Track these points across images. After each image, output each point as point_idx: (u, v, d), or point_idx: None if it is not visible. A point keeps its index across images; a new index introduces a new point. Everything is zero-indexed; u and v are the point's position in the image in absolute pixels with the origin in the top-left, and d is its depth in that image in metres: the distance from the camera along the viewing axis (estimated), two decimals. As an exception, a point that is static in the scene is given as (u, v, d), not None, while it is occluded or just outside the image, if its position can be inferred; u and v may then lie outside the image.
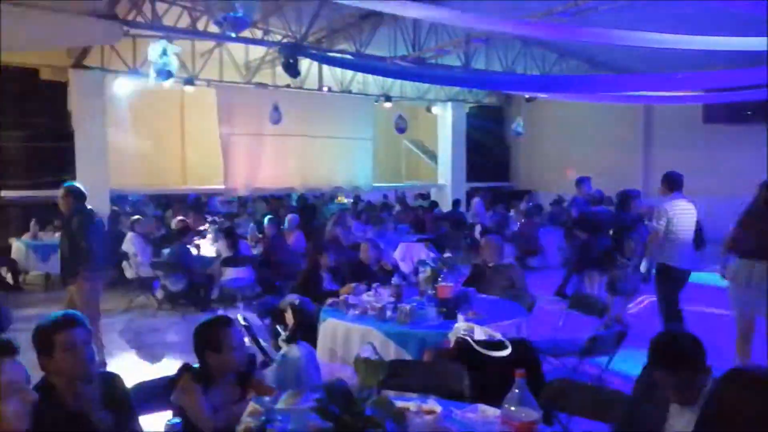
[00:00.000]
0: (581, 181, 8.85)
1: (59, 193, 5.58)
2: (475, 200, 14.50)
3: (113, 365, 5.60)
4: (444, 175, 16.40)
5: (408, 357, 3.91)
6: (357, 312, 4.45)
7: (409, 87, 14.98)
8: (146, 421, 2.64)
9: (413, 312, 4.21)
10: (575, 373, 4.16)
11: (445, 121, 16.18)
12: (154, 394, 2.77)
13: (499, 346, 3.23)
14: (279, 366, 2.53)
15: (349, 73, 13.60)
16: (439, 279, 4.58)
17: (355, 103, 14.38)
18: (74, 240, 5.34)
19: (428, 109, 16.31)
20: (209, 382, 2.64)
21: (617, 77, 11.82)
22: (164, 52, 8.19)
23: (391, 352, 3.92)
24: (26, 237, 9.58)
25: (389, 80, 14.12)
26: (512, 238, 10.61)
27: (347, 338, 4.25)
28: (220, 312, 6.26)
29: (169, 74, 8.38)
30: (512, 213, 12.83)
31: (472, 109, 17.09)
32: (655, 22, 7.77)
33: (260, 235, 9.30)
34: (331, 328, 4.39)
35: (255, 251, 8.68)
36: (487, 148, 17.41)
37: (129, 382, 2.60)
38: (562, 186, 14.25)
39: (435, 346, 3.77)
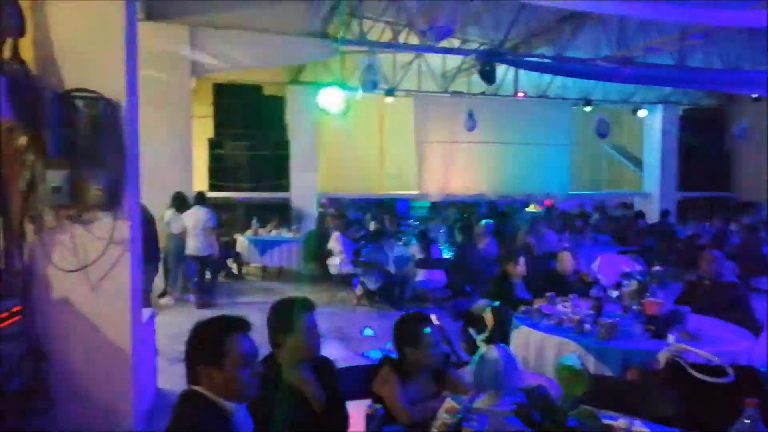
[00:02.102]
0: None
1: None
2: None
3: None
4: (650, 184, 15.10)
5: (608, 374, 3.67)
6: (552, 322, 4.31)
7: (613, 89, 14.06)
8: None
9: (616, 327, 3.95)
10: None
11: (653, 124, 14.90)
12: (355, 381, 2.95)
13: (718, 371, 2.88)
14: (477, 366, 2.53)
15: (547, 77, 13.20)
16: (647, 294, 4.24)
17: (552, 108, 13.92)
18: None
19: (634, 112, 15.14)
20: (406, 375, 2.75)
21: None
22: (371, 65, 8.73)
23: (589, 366, 3.71)
24: (248, 233, 10.85)
25: (590, 83, 13.42)
26: (734, 254, 9.38)
27: (541, 348, 4.13)
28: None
29: (374, 86, 8.92)
30: (733, 227, 11.36)
31: (686, 111, 15.49)
32: None
33: (451, 240, 9.44)
34: (523, 336, 4.30)
35: (446, 255, 8.83)
36: (702, 155, 15.59)
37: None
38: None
39: (641, 365, 3.48)
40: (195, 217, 8.30)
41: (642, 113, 14.91)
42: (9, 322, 3.43)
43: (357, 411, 2.71)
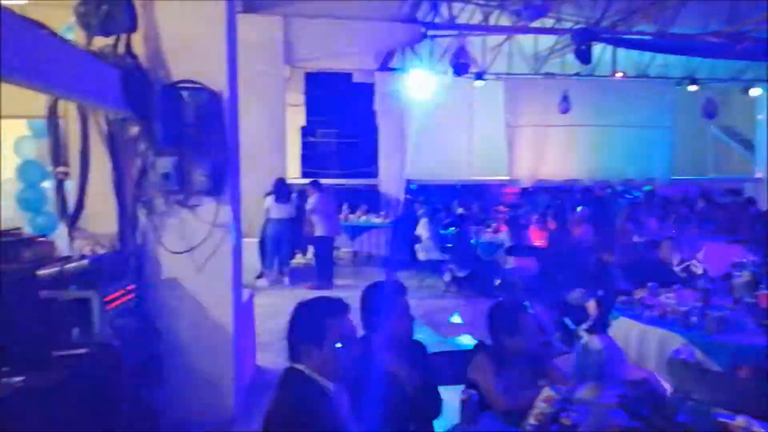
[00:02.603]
0: None
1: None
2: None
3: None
4: (763, 168, 13.95)
5: (716, 369, 3.44)
6: (655, 314, 4.10)
7: (721, 67, 13.05)
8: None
9: (726, 320, 3.70)
10: None
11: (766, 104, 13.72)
12: (446, 366, 2.95)
13: None
14: (578, 356, 2.46)
15: (647, 55, 12.46)
16: (761, 286, 3.94)
17: (653, 88, 13.13)
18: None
19: (745, 91, 13.98)
20: (502, 363, 2.71)
21: None
22: (461, 49, 8.61)
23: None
24: (339, 217, 11.05)
25: (695, 60, 12.52)
26: None
27: (642, 340, 3.95)
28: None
29: (464, 69, 8.79)
30: None
31: (807, 88, 14.12)
32: None
33: (543, 227, 9.18)
34: (624, 327, 4.12)
35: (538, 242, 8.60)
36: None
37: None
38: None
39: (754, 361, 3.25)
40: (322, 202, 8.75)
41: (755, 92, 13.74)
42: (125, 299, 3.70)
43: (449, 396, 2.72)
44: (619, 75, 12.50)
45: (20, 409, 2.45)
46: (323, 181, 12.17)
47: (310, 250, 11.05)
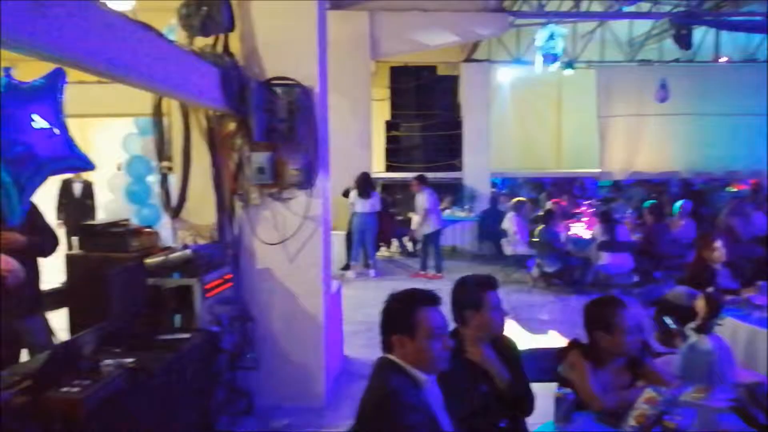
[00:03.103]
0: None
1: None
2: None
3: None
4: None
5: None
6: (765, 315, 3.82)
7: None
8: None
9: None
10: None
11: None
12: (536, 363, 2.88)
13: None
14: (685, 357, 2.32)
15: (756, 38, 11.55)
16: None
17: (761, 74, 12.14)
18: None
19: None
20: (597, 361, 2.61)
21: None
22: (551, 36, 8.36)
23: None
24: (423, 212, 11.06)
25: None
26: None
27: (751, 342, 3.71)
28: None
29: (554, 58, 8.53)
30: None
31: None
32: None
33: (638, 222, 8.76)
34: (729, 328, 3.85)
35: (633, 238, 8.22)
36: None
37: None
38: None
39: None
40: (432, 198, 8.90)
41: None
42: (224, 287, 3.89)
43: (541, 393, 2.65)
44: (723, 60, 11.67)
45: (131, 388, 2.63)
46: (407, 175, 12.27)
47: (394, 243, 11.16)
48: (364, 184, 8.95)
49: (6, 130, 2.19)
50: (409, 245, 11.10)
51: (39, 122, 2.39)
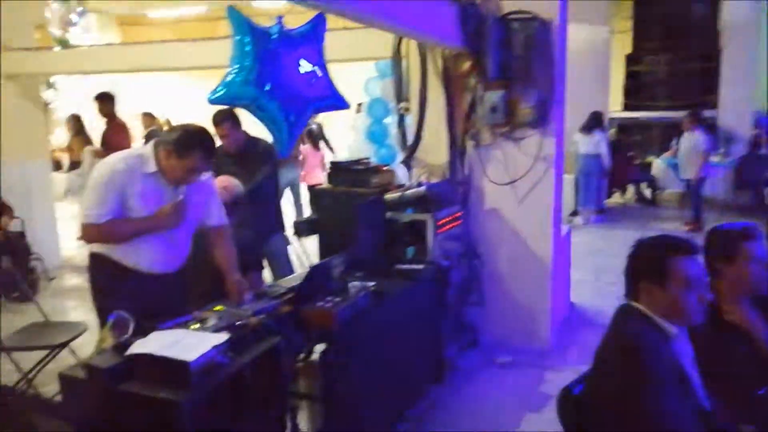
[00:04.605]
0: None
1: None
2: None
3: None
4: None
5: None
6: None
7: None
8: None
9: None
10: None
11: None
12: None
13: None
14: None
15: None
16: None
17: None
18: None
19: None
20: None
21: None
22: None
23: None
24: (666, 155, 10.03)
25: None
26: None
27: None
28: None
29: None
30: None
31: None
32: None
33: None
34: None
35: None
36: None
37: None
38: None
39: None
40: (689, 142, 8.10)
41: None
42: (454, 225, 4.01)
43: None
44: None
45: (373, 309, 2.90)
46: (647, 114, 11.14)
47: (630, 189, 10.34)
48: (591, 123, 8.41)
49: (279, 74, 2.49)
50: (647, 192, 10.21)
51: (305, 65, 2.66)
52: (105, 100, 6.47)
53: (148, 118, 9.94)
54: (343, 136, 8.65)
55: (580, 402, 1.95)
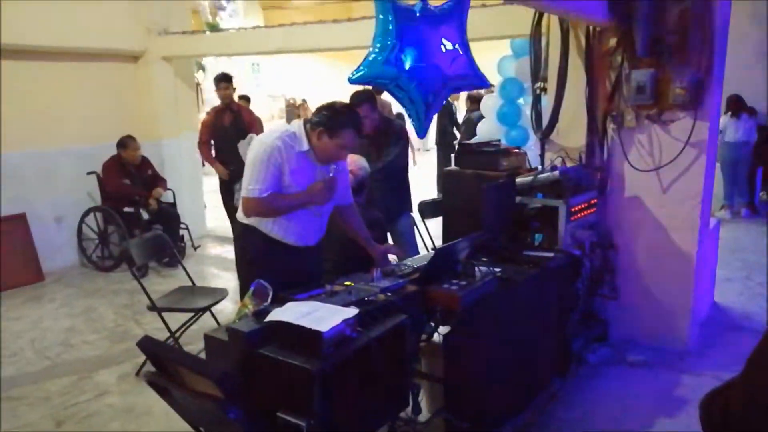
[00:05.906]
0: None
1: None
2: None
3: None
4: None
5: None
6: None
7: None
8: None
9: None
10: None
11: None
12: None
13: None
14: None
15: None
16: None
17: None
18: None
19: None
20: None
21: None
22: None
23: None
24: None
25: None
26: None
27: None
28: None
29: None
30: None
31: None
32: None
33: None
34: None
35: None
36: None
37: None
38: None
39: None
40: None
41: None
42: (588, 212, 3.81)
43: None
44: None
45: (499, 294, 2.82)
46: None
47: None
48: (737, 107, 7.61)
49: (420, 53, 2.47)
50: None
51: (446, 44, 2.62)
52: (225, 82, 6.35)
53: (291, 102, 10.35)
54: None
55: (728, 411, 1.77)
